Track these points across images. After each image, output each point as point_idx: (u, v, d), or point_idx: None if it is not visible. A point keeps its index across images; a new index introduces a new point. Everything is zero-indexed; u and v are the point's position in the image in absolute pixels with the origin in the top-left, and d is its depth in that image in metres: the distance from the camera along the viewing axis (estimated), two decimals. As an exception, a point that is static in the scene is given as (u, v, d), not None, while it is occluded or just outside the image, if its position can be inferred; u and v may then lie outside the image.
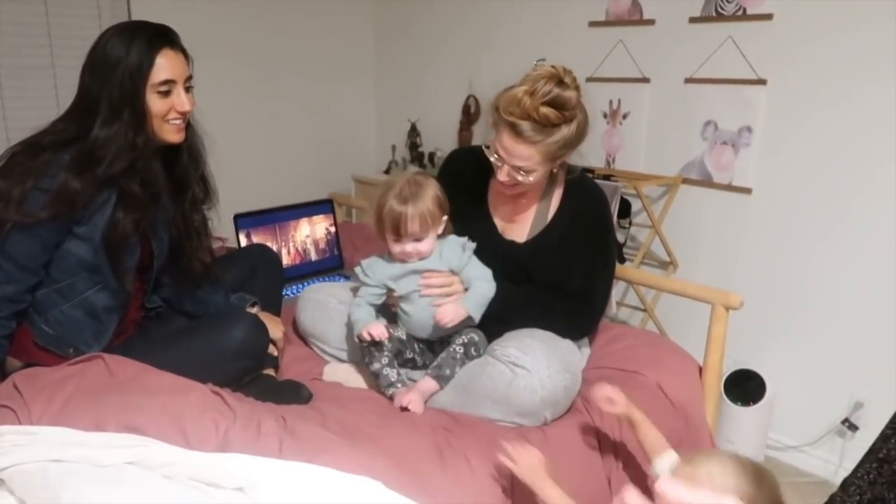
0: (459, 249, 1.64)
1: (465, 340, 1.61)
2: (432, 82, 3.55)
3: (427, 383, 1.61)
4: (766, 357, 2.48)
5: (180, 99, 1.57)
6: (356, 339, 1.67)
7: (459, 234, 1.69)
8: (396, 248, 1.63)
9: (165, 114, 1.56)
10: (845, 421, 2.32)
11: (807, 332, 2.41)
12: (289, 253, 2.46)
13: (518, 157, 1.56)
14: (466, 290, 1.65)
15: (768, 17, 2.34)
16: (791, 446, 2.47)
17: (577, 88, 1.55)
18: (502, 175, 1.61)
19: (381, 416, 1.50)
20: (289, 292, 2.25)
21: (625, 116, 2.81)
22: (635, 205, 2.69)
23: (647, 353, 1.80)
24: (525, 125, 1.52)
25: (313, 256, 2.54)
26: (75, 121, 1.54)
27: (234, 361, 1.61)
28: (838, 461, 2.37)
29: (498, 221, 1.78)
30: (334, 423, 1.43)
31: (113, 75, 1.49)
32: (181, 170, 1.70)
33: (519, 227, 1.76)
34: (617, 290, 2.87)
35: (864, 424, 2.30)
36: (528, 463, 1.30)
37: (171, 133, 1.59)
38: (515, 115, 1.52)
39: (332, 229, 2.59)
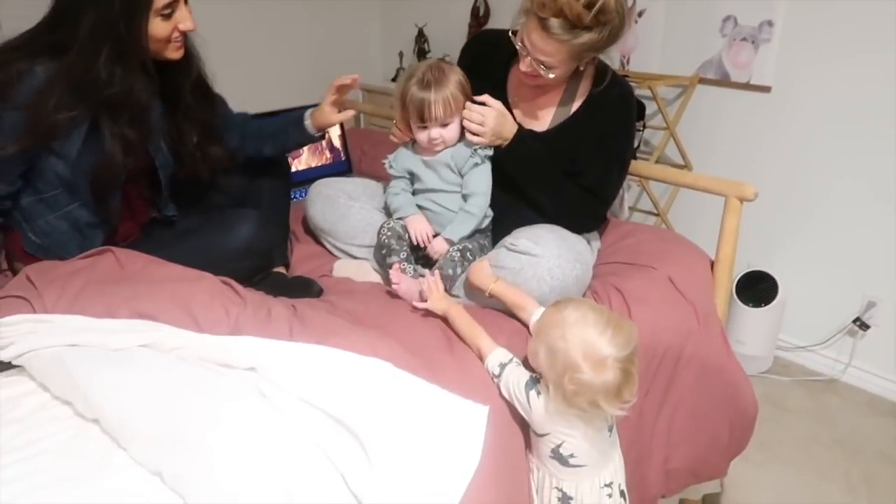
0: (469, 150, 1.61)
1: (462, 247, 1.60)
2: (439, -15, 3.42)
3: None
4: (779, 258, 2.46)
5: (184, 16, 1.46)
6: (396, 225, 1.64)
7: None
8: (423, 136, 1.60)
9: (169, 35, 1.45)
10: (857, 320, 2.32)
11: (820, 233, 2.38)
12: (296, 156, 2.43)
13: (542, 53, 1.52)
14: (465, 197, 1.63)
15: None
16: (801, 346, 2.49)
17: None
18: (524, 66, 1.58)
19: (390, 307, 1.51)
20: (297, 196, 2.23)
21: (640, 14, 2.70)
22: (650, 107, 2.61)
23: (658, 248, 1.78)
24: (556, 22, 1.45)
25: (321, 160, 2.50)
26: (45, 38, 1.40)
27: (242, 260, 1.61)
28: (847, 360, 2.38)
29: (517, 112, 1.73)
30: (344, 313, 1.44)
31: None
32: (175, 82, 1.59)
33: (540, 120, 1.72)
34: (630, 193, 2.83)
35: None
36: (436, 296, 1.44)
37: (172, 51, 1.50)
38: (548, 9, 1.45)
39: (339, 132, 2.55)
